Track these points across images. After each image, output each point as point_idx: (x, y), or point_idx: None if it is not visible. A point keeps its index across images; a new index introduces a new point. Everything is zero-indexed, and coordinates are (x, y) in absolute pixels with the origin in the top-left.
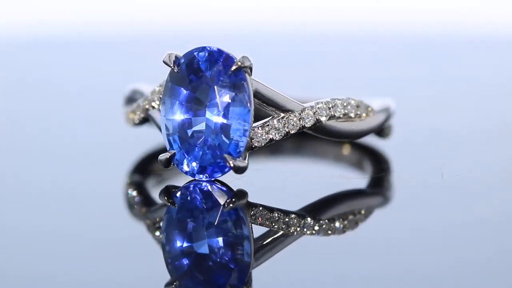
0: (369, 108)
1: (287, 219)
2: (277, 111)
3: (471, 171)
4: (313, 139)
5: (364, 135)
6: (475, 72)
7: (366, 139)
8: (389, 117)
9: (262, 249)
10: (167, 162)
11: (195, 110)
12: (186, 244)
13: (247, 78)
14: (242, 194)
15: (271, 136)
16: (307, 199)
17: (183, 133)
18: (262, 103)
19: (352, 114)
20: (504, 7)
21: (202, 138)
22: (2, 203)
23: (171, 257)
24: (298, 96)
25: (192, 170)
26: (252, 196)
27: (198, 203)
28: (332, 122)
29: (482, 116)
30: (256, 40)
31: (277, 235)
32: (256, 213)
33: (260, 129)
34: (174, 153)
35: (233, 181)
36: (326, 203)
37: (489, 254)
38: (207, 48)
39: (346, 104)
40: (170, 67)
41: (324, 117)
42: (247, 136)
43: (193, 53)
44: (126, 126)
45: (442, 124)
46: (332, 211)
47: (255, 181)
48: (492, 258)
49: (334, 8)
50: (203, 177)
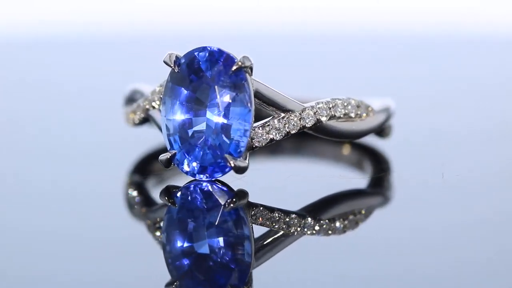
0: (370, 108)
1: (288, 219)
2: (278, 111)
3: (471, 171)
4: (313, 139)
5: (365, 135)
6: (475, 72)
7: (366, 139)
8: (389, 117)
9: (263, 249)
10: (168, 162)
11: (196, 110)
12: (187, 244)
13: (248, 78)
14: (243, 194)
15: (272, 136)
16: (308, 199)
17: (184, 133)
18: (263, 103)
19: (353, 114)
20: (504, 7)
21: (203, 138)
22: (2, 203)
23: (172, 257)
24: (298, 96)
25: (193, 170)
26: (253, 196)
27: (199, 203)
28: (333, 122)
29: (482, 116)
30: (256, 40)
31: (278, 235)
32: (257, 213)
33: (261, 129)
34: (175, 153)
35: (234, 181)
36: (327, 203)
37: (489, 254)
38: (208, 48)
39: (347, 104)
40: (171, 67)
41: (325, 117)
42: (248, 136)
43: (194, 53)
44: (126, 126)
45: (442, 124)
46: (333, 211)
47: (256, 181)
48: (492, 258)
49: (334, 8)
50: (204, 177)
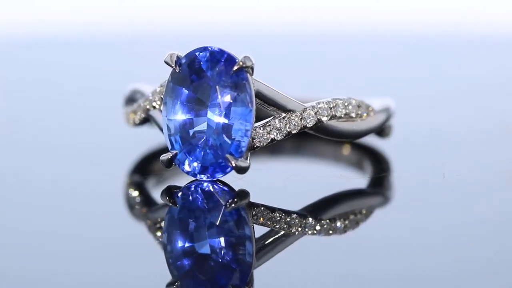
0: (370, 108)
1: (289, 219)
2: (279, 111)
3: (471, 171)
4: (313, 139)
5: (365, 135)
6: (475, 72)
7: (366, 139)
8: (390, 117)
9: (264, 249)
10: (169, 162)
11: (197, 110)
12: (188, 244)
13: (249, 78)
14: (244, 194)
15: (273, 136)
16: (308, 199)
17: (185, 133)
18: (263, 103)
19: (353, 114)
20: (504, 7)
21: (204, 138)
22: (2, 203)
23: (173, 257)
24: (299, 96)
25: (194, 170)
26: (254, 196)
27: (200, 203)
28: (333, 122)
29: (482, 116)
30: (256, 40)
31: (279, 235)
32: (258, 213)
33: (262, 129)
34: (176, 153)
35: (234, 181)
36: (327, 203)
37: (489, 254)
38: (209, 48)
39: (347, 104)
40: (172, 67)
41: (326, 117)
42: (249, 136)
43: (195, 53)
44: (126, 126)
45: (442, 124)
46: (333, 211)
47: (256, 181)
48: (492, 258)
49: (334, 8)
50: (205, 177)
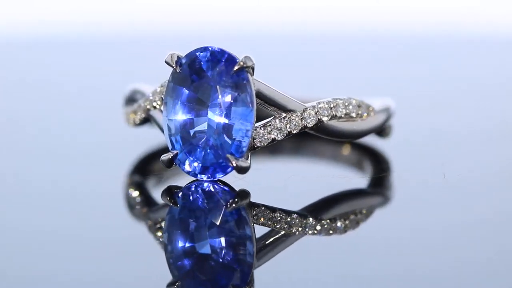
0: (370, 108)
1: (289, 219)
2: (279, 111)
3: (471, 171)
4: (313, 139)
5: (365, 135)
6: (475, 72)
7: (366, 139)
8: (390, 117)
9: (264, 249)
10: (170, 163)
11: (197, 110)
12: (188, 244)
13: (250, 78)
14: (245, 194)
15: (273, 136)
16: (309, 199)
17: (185, 133)
18: (264, 103)
19: (354, 114)
20: (504, 7)
21: (204, 138)
22: (2, 203)
23: (173, 257)
24: (299, 96)
25: (194, 170)
26: (254, 196)
27: (200, 203)
28: (334, 122)
29: (482, 116)
30: (257, 40)
31: (279, 235)
32: (258, 213)
33: (262, 129)
34: (177, 153)
35: (235, 181)
36: (327, 203)
37: (489, 254)
38: (209, 48)
39: (348, 104)
40: (172, 67)
41: (326, 117)
42: (250, 136)
43: (195, 53)
44: (126, 126)
45: (442, 124)
46: (334, 211)
47: (256, 181)
48: (492, 258)
49: (334, 8)
50: (205, 177)
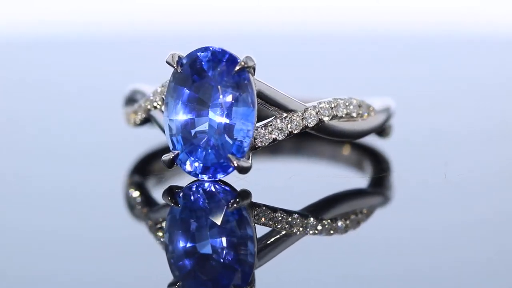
0: (371, 108)
1: (290, 219)
2: (280, 111)
3: (471, 171)
4: (313, 139)
5: (366, 135)
6: (475, 72)
7: (366, 139)
8: (390, 117)
9: (265, 249)
10: (171, 163)
11: (198, 110)
12: (189, 245)
13: (251, 78)
14: (246, 194)
15: (274, 136)
16: (309, 199)
17: (186, 134)
18: (265, 103)
19: (354, 114)
20: (504, 7)
21: (205, 139)
22: (2, 203)
23: (174, 258)
24: (300, 96)
25: (195, 170)
26: (255, 196)
27: (201, 203)
28: (335, 122)
29: (482, 116)
30: (257, 40)
31: (280, 235)
32: (259, 213)
33: (263, 129)
34: (178, 153)
35: (236, 182)
36: (328, 203)
37: (489, 254)
38: (210, 48)
39: (348, 104)
40: (173, 67)
41: (327, 117)
42: (251, 136)
43: (196, 53)
44: (126, 126)
45: (442, 124)
46: (334, 211)
47: (257, 181)
48: (492, 258)
49: (334, 8)
50: (206, 177)
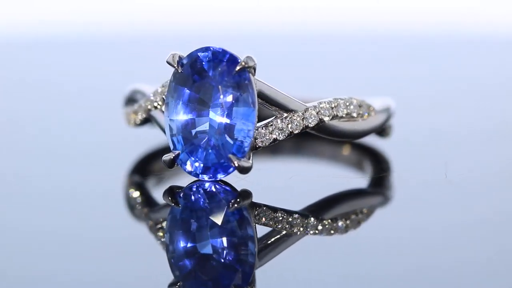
0: (371, 108)
1: (291, 219)
2: (281, 111)
3: (471, 171)
4: (313, 139)
5: (366, 135)
6: (475, 72)
7: (366, 139)
8: (390, 117)
9: (266, 249)
10: (171, 163)
11: (199, 111)
12: (190, 245)
13: (251, 78)
14: (247, 194)
15: (275, 136)
16: (310, 199)
17: (187, 134)
18: (266, 103)
19: (355, 114)
20: (504, 7)
21: (206, 139)
22: (2, 203)
23: (175, 258)
24: (300, 96)
25: (196, 170)
26: (255, 196)
27: (202, 204)
28: (335, 122)
29: (482, 116)
30: (257, 40)
31: (281, 235)
32: (260, 213)
33: (264, 129)
34: (179, 154)
35: (237, 182)
36: (329, 203)
37: (489, 254)
38: (211, 49)
39: (349, 104)
40: (174, 68)
41: (327, 117)
42: (251, 136)
43: (197, 53)
44: (126, 126)
45: (442, 124)
46: (335, 211)
47: (257, 181)
48: (492, 258)
49: (334, 8)
50: (206, 177)
